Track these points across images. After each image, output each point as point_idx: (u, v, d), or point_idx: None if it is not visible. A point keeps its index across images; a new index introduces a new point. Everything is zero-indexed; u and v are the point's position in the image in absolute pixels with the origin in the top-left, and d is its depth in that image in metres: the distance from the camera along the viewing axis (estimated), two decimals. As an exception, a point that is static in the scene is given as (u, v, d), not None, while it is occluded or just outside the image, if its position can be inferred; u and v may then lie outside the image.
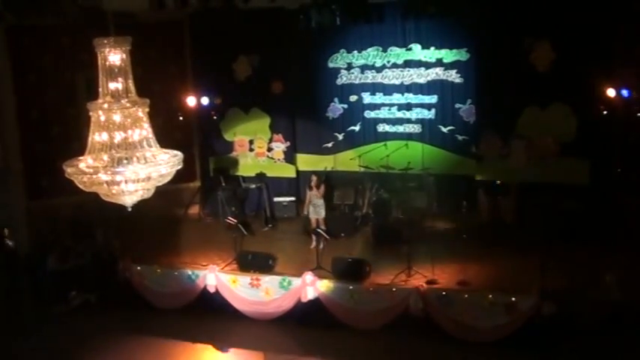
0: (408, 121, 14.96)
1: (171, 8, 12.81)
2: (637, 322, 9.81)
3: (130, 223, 12.71)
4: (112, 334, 11.57)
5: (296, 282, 11.38)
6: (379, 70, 15.00)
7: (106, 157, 7.04)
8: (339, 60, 15.33)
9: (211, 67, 15.89)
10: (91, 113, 7.12)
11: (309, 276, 11.32)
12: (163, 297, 12.33)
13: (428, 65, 14.57)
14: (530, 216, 12.82)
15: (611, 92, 12.34)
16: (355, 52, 15.14)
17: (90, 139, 7.14)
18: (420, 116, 14.87)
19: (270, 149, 16.18)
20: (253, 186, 15.83)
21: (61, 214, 14.33)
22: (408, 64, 14.72)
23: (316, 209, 13.38)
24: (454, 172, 14.50)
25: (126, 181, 6.95)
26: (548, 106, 13.34)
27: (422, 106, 14.81)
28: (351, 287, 11.15)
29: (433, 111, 14.73)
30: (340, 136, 15.58)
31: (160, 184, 7.32)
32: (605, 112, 12.63)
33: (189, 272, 12.17)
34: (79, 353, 11.03)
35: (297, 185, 15.73)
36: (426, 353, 10.42)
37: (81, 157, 7.22)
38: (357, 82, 15.27)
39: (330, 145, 15.66)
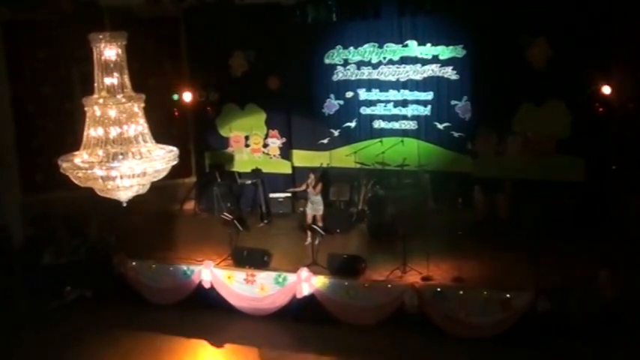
0: (404, 117, 14.96)
1: (167, 3, 12.78)
2: (631, 318, 9.84)
3: (125, 219, 12.71)
4: (107, 330, 11.53)
5: (291, 278, 11.37)
6: (375, 66, 14.99)
7: (101, 153, 7.02)
8: (335, 56, 15.32)
9: (207, 62, 15.86)
10: (86, 108, 7.10)
11: (304, 272, 11.32)
12: (158, 292, 12.31)
13: (424, 62, 14.56)
14: (525, 213, 12.83)
15: (606, 90, 12.37)
16: (351, 48, 15.12)
17: (85, 134, 7.12)
18: (415, 113, 14.87)
19: (265, 145, 16.17)
20: (249, 182, 15.83)
21: (55, 210, 14.28)
22: (404, 60, 14.72)
23: (314, 206, 13.35)
24: (450, 169, 14.52)
25: (121, 177, 6.93)
26: (543, 103, 13.38)
27: (418, 102, 14.82)
28: (346, 283, 11.16)
29: (429, 107, 14.73)
30: (336, 133, 15.58)
31: (155, 179, 7.30)
32: (600, 110, 12.66)
33: (185, 268, 12.15)
34: (74, 349, 11.00)
35: (293, 181, 15.69)
36: (420, 349, 10.41)
37: (76, 152, 7.20)
38: (353, 78, 15.26)
39: (325, 141, 15.66)
